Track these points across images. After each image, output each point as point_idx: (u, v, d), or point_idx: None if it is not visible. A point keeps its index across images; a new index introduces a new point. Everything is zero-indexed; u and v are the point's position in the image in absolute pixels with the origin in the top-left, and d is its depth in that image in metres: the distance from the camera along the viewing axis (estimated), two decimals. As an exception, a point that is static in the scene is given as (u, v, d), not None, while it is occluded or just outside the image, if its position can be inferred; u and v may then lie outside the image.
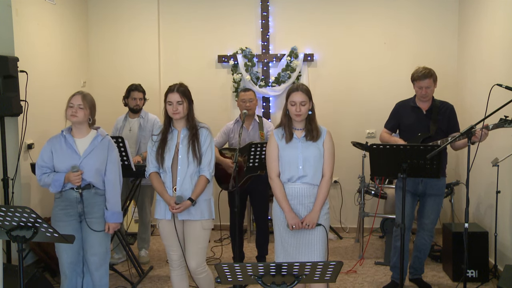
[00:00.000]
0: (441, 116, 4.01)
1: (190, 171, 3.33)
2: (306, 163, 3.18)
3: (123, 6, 6.08)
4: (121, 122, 4.99)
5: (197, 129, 3.38)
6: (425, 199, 4.06)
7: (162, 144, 3.36)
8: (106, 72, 6.11)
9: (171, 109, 3.33)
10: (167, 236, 3.40)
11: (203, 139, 3.37)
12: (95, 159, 3.35)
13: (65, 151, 3.35)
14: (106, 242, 3.47)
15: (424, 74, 3.95)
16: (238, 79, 5.91)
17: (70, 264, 3.38)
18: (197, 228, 3.36)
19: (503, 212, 4.32)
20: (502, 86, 3.48)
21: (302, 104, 3.17)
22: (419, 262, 4.20)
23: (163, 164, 3.35)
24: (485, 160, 4.43)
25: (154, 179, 3.40)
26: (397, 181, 4.20)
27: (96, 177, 3.36)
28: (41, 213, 4.81)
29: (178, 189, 3.33)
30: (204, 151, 3.35)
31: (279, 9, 5.96)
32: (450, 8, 5.71)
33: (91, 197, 3.37)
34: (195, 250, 3.36)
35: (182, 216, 3.34)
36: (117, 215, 3.42)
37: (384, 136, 4.24)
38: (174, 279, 3.48)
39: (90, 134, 3.43)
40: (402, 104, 4.20)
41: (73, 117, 3.34)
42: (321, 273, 2.19)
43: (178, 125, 3.40)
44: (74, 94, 3.41)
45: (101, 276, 3.45)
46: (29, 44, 4.77)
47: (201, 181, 3.34)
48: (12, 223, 2.54)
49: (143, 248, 5.04)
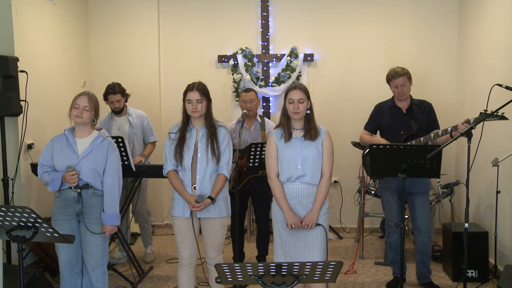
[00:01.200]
0: (420, 114, 4.09)
1: (210, 169, 3.37)
2: (305, 162, 3.18)
3: (123, 6, 6.08)
4: (107, 122, 4.84)
5: (216, 127, 3.41)
6: (413, 199, 4.07)
7: (180, 142, 3.38)
8: (106, 72, 6.10)
9: (190, 107, 3.34)
10: (183, 233, 3.42)
11: (222, 138, 3.41)
12: (93, 160, 3.34)
13: (65, 151, 3.35)
14: (104, 243, 3.44)
15: (397, 72, 4.07)
16: (238, 79, 5.91)
17: (68, 264, 3.37)
18: (216, 226, 3.42)
19: (503, 212, 4.32)
20: (502, 86, 3.48)
21: (300, 101, 3.17)
22: (424, 266, 4.15)
23: (182, 162, 3.37)
24: (485, 160, 4.43)
25: (172, 177, 3.42)
26: (381, 182, 4.22)
27: (94, 177, 3.35)
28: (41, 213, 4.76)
29: (197, 188, 3.36)
30: (222, 150, 3.40)
31: (279, 9, 5.96)
32: (450, 8, 5.71)
33: (89, 197, 3.36)
34: (214, 245, 3.46)
35: (202, 214, 3.38)
36: (113, 217, 3.38)
37: (365, 138, 4.28)
38: (182, 277, 3.48)
39: (92, 135, 3.43)
40: (381, 105, 4.28)
41: (79, 118, 3.33)
42: (321, 273, 2.19)
43: (197, 123, 3.42)
44: (80, 95, 3.39)
45: (97, 278, 3.41)
46: (29, 44, 4.77)
47: (220, 180, 3.39)
48: (12, 223, 2.55)
49: (148, 244, 5.04)
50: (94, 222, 3.36)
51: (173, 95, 6.07)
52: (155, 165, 4.43)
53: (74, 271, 3.42)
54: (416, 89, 4.33)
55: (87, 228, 3.33)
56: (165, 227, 6.18)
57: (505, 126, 4.13)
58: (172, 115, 5.68)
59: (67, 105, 3.42)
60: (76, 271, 3.43)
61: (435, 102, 4.26)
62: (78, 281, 3.44)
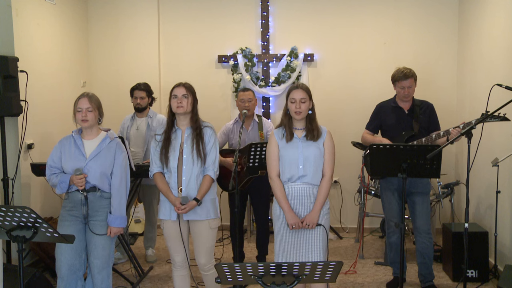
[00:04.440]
0: (422, 115, 4.09)
1: (196, 171, 3.33)
2: (307, 162, 3.18)
3: (123, 6, 6.08)
4: (128, 121, 4.98)
5: (201, 128, 3.37)
6: (413, 200, 4.07)
7: (166, 144, 3.34)
8: (106, 72, 6.12)
9: (175, 102, 3.32)
10: (172, 237, 3.39)
11: (207, 138, 3.37)
12: (100, 162, 3.31)
13: (73, 153, 3.33)
14: (110, 245, 3.39)
15: (406, 74, 4.03)
16: (238, 79, 5.92)
17: (70, 267, 3.29)
18: (205, 228, 3.37)
19: (503, 212, 4.32)
20: (502, 86, 3.48)
21: (302, 101, 3.17)
22: (425, 267, 4.11)
23: (168, 164, 3.33)
24: (485, 160, 4.43)
25: (158, 179, 3.38)
26: (381, 182, 4.22)
27: (102, 180, 3.32)
28: (41, 213, 4.82)
29: (183, 190, 3.32)
30: (208, 150, 3.36)
31: (279, 9, 5.96)
32: (450, 8, 5.71)
33: (96, 200, 3.34)
34: (203, 249, 3.38)
35: (188, 216, 3.34)
36: (120, 219, 3.35)
37: (367, 137, 4.27)
38: (176, 279, 3.48)
39: (99, 136, 3.40)
40: (383, 105, 4.27)
41: (85, 122, 3.31)
42: (321, 273, 2.19)
43: (182, 124, 3.39)
44: (80, 97, 3.35)
45: (103, 279, 3.38)
46: (29, 44, 4.77)
47: (206, 181, 3.34)
48: (12, 223, 2.55)
49: (149, 247, 5.05)
50: (99, 224, 3.33)
51: (173, 95, 6.11)
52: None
53: (76, 274, 3.35)
54: (416, 89, 4.31)
55: (90, 230, 3.31)
56: (165, 227, 6.18)
57: (505, 126, 4.13)
58: (172, 115, 5.70)
59: (67, 105, 3.42)
60: (78, 275, 3.36)
61: (435, 102, 4.26)
62: (79, 284, 3.38)
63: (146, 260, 4.99)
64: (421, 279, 4.19)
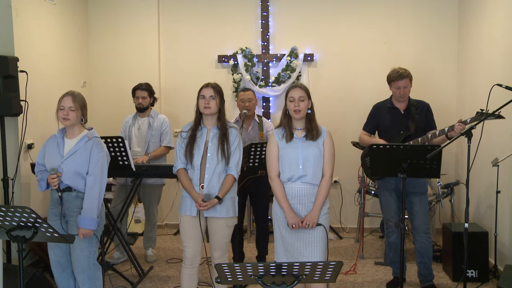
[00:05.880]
0: (418, 114, 4.09)
1: (218, 169, 3.38)
2: (306, 162, 3.18)
3: (123, 6, 6.08)
4: (130, 121, 4.98)
5: (227, 128, 3.43)
6: (411, 200, 4.06)
7: (191, 141, 3.40)
8: (106, 72, 6.11)
9: (203, 102, 3.38)
10: (189, 231, 3.43)
11: (232, 138, 3.43)
12: (75, 162, 3.26)
13: (53, 152, 3.32)
14: (88, 247, 3.31)
15: (401, 74, 4.04)
16: (238, 79, 5.91)
17: (58, 264, 3.35)
18: (222, 225, 3.43)
19: (503, 212, 4.32)
20: (502, 86, 3.49)
21: (301, 99, 3.18)
22: (425, 267, 4.11)
23: (192, 161, 3.39)
24: (485, 160, 4.43)
25: (182, 175, 3.44)
26: (379, 181, 4.22)
27: (76, 180, 3.26)
28: (41, 213, 4.81)
29: (205, 187, 3.37)
30: (232, 151, 3.41)
31: (279, 9, 5.96)
32: (450, 8, 5.71)
33: (72, 200, 3.29)
34: (219, 244, 3.47)
35: (208, 213, 3.39)
36: (89, 220, 3.21)
37: (364, 138, 4.28)
38: (184, 277, 3.49)
39: (80, 135, 3.35)
40: (380, 106, 4.28)
41: (66, 121, 3.28)
42: (321, 273, 2.19)
43: (208, 123, 3.45)
44: (64, 96, 3.32)
45: (84, 281, 3.31)
46: (29, 44, 4.77)
47: (228, 180, 3.40)
48: (12, 223, 2.55)
49: (149, 247, 5.05)
50: (75, 224, 3.27)
51: (173, 95, 6.10)
52: (155, 165, 4.44)
53: (65, 272, 3.36)
54: (416, 89, 4.33)
55: (64, 230, 3.26)
56: (165, 227, 6.19)
57: (505, 126, 4.14)
58: (172, 115, 5.69)
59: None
60: (68, 272, 3.37)
61: (435, 102, 4.27)
62: (71, 282, 3.39)
63: (146, 260, 4.99)
64: (421, 279, 4.18)
